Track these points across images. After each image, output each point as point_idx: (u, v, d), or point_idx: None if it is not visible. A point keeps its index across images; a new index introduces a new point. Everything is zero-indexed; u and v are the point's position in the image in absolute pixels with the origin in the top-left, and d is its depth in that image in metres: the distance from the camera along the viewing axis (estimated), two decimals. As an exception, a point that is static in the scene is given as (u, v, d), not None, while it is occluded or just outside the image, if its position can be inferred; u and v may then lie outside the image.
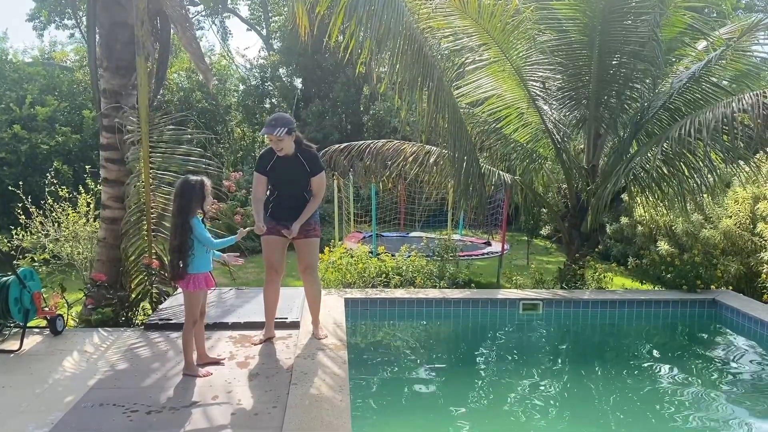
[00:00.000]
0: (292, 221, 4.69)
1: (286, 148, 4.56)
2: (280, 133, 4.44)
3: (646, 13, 6.83)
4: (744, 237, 7.71)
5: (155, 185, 5.94)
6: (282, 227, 4.70)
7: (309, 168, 4.65)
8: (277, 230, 4.71)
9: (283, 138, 4.47)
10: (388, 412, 4.66)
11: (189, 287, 4.08)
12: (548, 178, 8.88)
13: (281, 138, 4.47)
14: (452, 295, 7.00)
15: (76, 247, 6.64)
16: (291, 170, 4.64)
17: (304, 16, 5.59)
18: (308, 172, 4.66)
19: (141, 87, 5.64)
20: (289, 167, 4.63)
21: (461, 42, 7.53)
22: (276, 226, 4.72)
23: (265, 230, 4.64)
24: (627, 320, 7.03)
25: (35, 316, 4.96)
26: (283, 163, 4.63)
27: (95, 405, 3.67)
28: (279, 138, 4.46)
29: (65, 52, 18.90)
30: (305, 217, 4.70)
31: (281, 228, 4.70)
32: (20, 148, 11.16)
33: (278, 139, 4.47)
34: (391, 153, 7.85)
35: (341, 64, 16.01)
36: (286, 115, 4.67)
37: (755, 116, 5.64)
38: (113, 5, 5.88)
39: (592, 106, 7.51)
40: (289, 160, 4.62)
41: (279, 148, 4.54)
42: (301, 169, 4.65)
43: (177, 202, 4.04)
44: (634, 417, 4.70)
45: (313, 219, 4.80)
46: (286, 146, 4.55)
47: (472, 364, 6.02)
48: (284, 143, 4.52)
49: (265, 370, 4.29)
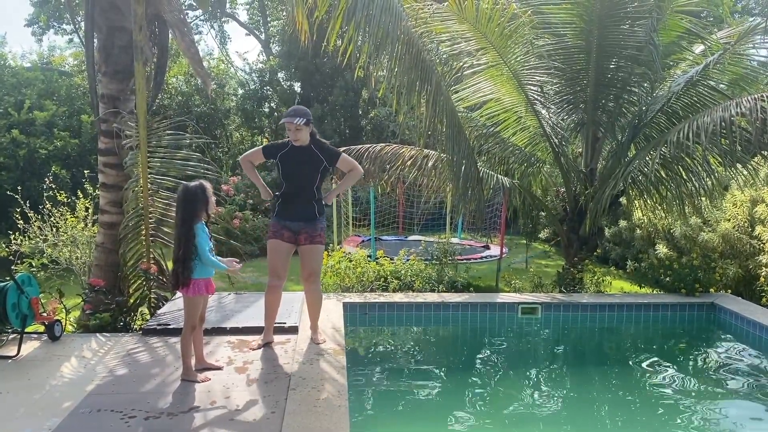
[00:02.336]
0: (298, 222, 4.71)
1: (303, 138, 4.67)
2: (299, 122, 4.56)
3: (643, 18, 6.85)
4: (742, 240, 7.72)
5: (154, 190, 5.93)
6: (288, 230, 4.71)
7: (325, 158, 4.73)
8: (283, 234, 4.72)
9: (301, 128, 4.60)
10: (387, 417, 4.66)
11: (189, 292, 4.07)
12: (546, 182, 8.89)
13: (300, 128, 4.59)
14: (451, 299, 6.99)
15: (74, 251, 6.63)
16: (304, 160, 4.71)
17: (304, 21, 5.59)
18: (321, 163, 4.72)
19: (139, 92, 5.64)
20: (303, 157, 4.71)
21: (459, 46, 7.54)
22: (282, 229, 4.73)
23: (271, 194, 4.87)
24: (625, 324, 7.03)
25: (33, 322, 4.95)
26: (297, 153, 4.72)
27: (93, 411, 3.66)
28: (298, 127, 4.58)
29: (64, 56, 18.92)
30: (340, 190, 5.28)
31: (287, 231, 4.71)
32: (18, 153, 11.16)
33: (297, 128, 4.60)
34: (389, 157, 7.86)
35: (340, 69, 16.04)
36: (305, 108, 4.79)
37: (753, 120, 5.65)
38: (111, 10, 5.88)
39: (590, 110, 7.53)
40: (303, 151, 4.72)
41: (296, 138, 4.65)
42: (315, 160, 4.71)
43: (180, 212, 4.03)
44: (632, 421, 4.69)
45: (320, 225, 4.81)
46: (303, 137, 4.66)
47: (470, 368, 6.02)
48: (302, 133, 4.64)
49: (263, 375, 4.28)
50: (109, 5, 5.87)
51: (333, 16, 5.52)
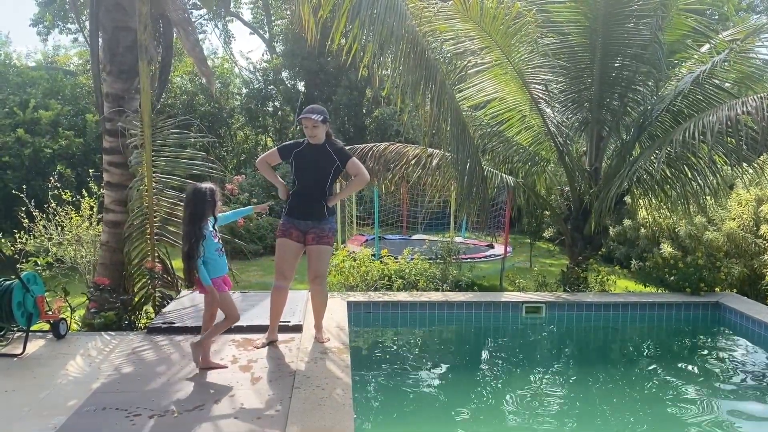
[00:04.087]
0: (308, 221, 4.72)
1: (319, 135, 4.69)
2: (317, 119, 4.59)
3: (648, 16, 6.83)
4: (747, 239, 7.69)
5: (158, 189, 5.94)
6: (296, 229, 4.72)
7: (338, 158, 4.74)
8: (291, 233, 4.73)
9: (318, 125, 4.62)
10: (391, 416, 4.66)
11: (221, 289, 4.17)
12: (551, 181, 8.87)
13: (317, 125, 4.62)
14: (455, 298, 6.99)
15: (79, 250, 6.65)
16: (318, 158, 4.73)
17: (311, 19, 5.58)
18: (334, 162, 4.73)
19: (144, 91, 5.65)
20: (317, 156, 4.73)
21: (463, 45, 7.53)
22: (290, 228, 4.74)
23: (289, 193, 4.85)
24: (630, 323, 7.01)
25: (38, 320, 4.96)
26: (311, 151, 4.74)
27: (98, 409, 3.67)
28: (315, 124, 4.61)
29: (68, 56, 19.01)
30: (344, 195, 5.28)
31: (296, 230, 4.72)
32: (24, 152, 11.18)
33: (314, 126, 4.62)
34: (393, 156, 7.85)
35: (344, 68, 16.02)
36: (322, 107, 4.83)
37: (760, 119, 5.63)
38: (116, 9, 5.89)
39: (595, 109, 7.51)
40: (318, 149, 4.73)
41: (313, 135, 4.67)
42: (329, 159, 4.73)
43: (188, 211, 4.10)
44: (637, 420, 4.68)
45: (329, 226, 4.81)
46: (320, 134, 4.69)
47: (475, 367, 6.02)
48: (318, 130, 4.66)
49: (267, 373, 4.28)
50: (113, 5, 5.88)
51: (337, 15, 5.51)
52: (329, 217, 4.80)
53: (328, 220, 4.79)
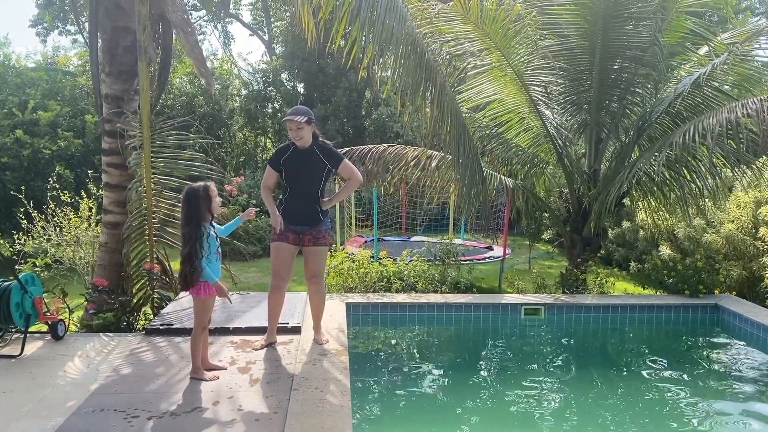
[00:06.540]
0: (303, 226, 4.70)
1: (304, 137, 4.62)
2: (300, 120, 4.52)
3: (648, 19, 6.84)
4: (746, 242, 7.70)
5: (157, 190, 5.94)
6: (292, 233, 4.70)
7: (327, 161, 4.69)
8: (287, 236, 4.71)
9: (302, 126, 4.55)
10: (390, 418, 4.65)
11: (200, 294, 4.09)
12: (550, 183, 8.87)
13: (301, 126, 4.54)
14: (454, 299, 6.98)
15: (77, 251, 6.65)
16: (307, 163, 4.67)
17: (311, 21, 5.57)
18: (325, 166, 4.68)
19: (143, 92, 5.64)
20: (305, 160, 4.67)
21: (463, 47, 7.53)
22: (286, 231, 4.71)
23: (282, 226, 4.67)
24: (629, 325, 7.01)
25: (36, 321, 4.96)
26: (299, 156, 4.67)
27: (96, 410, 3.67)
28: (299, 126, 4.54)
29: (68, 57, 19.00)
30: (341, 197, 5.28)
31: (292, 234, 4.70)
32: (23, 153, 11.18)
33: (298, 127, 4.55)
34: (392, 157, 7.85)
35: (343, 69, 16.04)
36: (307, 107, 4.77)
37: (760, 121, 5.64)
38: (115, 10, 5.89)
39: (594, 111, 7.51)
40: (305, 153, 4.67)
41: (298, 137, 4.60)
42: (318, 163, 4.67)
43: (184, 212, 4.08)
44: (635, 422, 4.68)
45: (324, 227, 4.80)
46: (305, 136, 4.61)
47: (473, 369, 6.01)
48: (303, 132, 4.58)
49: (266, 375, 4.28)
50: (113, 6, 5.89)
51: (337, 17, 5.51)
52: (324, 219, 4.79)
53: (323, 221, 4.78)
